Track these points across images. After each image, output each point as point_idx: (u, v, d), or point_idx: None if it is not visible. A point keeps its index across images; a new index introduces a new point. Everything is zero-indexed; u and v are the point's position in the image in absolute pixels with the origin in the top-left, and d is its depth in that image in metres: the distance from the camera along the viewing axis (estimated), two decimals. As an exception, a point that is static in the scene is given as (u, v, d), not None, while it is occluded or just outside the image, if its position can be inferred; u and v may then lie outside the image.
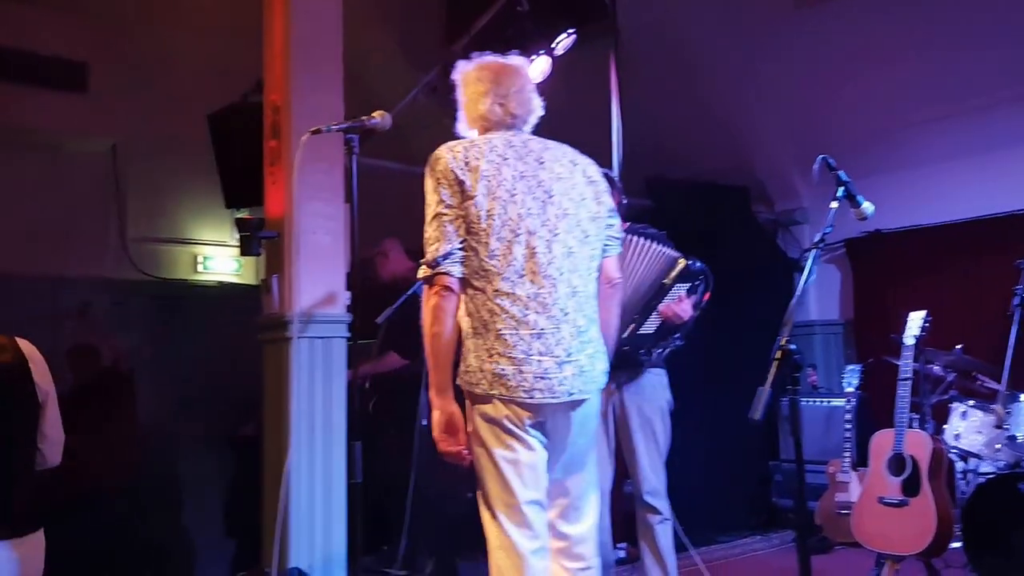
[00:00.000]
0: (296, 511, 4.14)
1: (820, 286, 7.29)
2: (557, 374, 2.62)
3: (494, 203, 2.65)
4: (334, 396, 4.33)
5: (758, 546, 5.92)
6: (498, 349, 2.62)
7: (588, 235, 2.77)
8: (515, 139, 2.78)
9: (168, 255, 6.39)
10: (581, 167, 2.84)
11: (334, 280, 4.39)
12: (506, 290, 2.63)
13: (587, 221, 2.77)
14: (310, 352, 4.28)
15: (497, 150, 2.72)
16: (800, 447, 2.85)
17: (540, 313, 2.63)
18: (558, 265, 2.68)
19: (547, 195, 2.71)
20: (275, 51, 4.44)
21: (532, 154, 2.76)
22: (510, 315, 2.62)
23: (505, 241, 2.65)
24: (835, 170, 3.16)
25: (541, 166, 2.74)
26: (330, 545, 4.25)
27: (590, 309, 2.75)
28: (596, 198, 2.82)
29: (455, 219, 2.66)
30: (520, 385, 2.60)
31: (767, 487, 6.47)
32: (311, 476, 4.23)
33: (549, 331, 2.63)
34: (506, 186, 2.67)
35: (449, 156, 2.70)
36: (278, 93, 4.40)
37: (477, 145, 2.73)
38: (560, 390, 2.63)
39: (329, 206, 4.38)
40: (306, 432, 4.21)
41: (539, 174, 2.72)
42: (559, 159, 2.80)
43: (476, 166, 2.67)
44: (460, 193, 2.66)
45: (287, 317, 4.22)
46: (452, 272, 2.65)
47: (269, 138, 4.44)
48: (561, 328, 2.65)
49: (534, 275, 2.65)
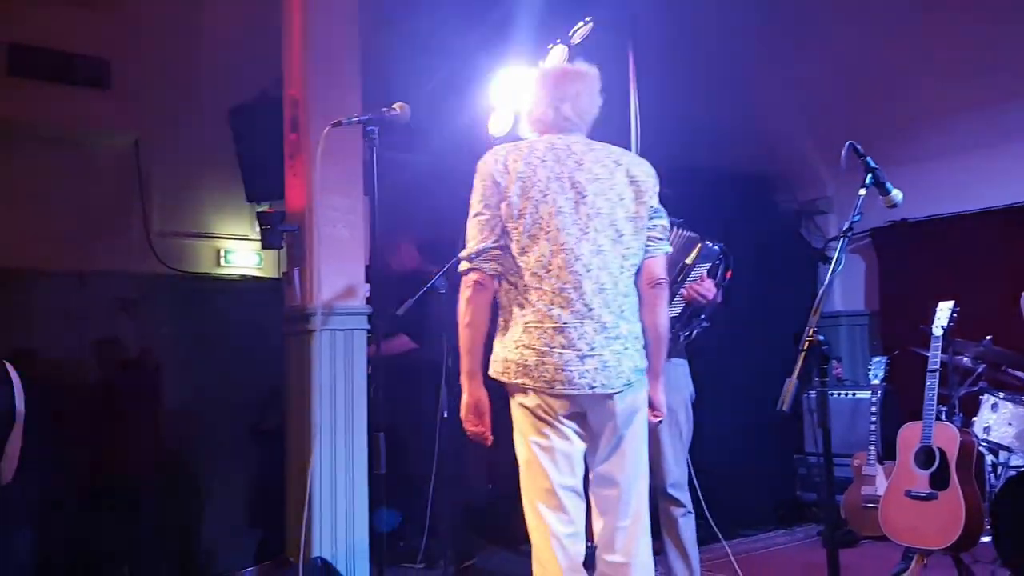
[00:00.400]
0: (319, 501, 4.18)
1: (845, 276, 7.21)
2: (578, 367, 2.73)
3: (527, 203, 2.81)
4: (356, 387, 4.36)
5: (781, 540, 5.88)
6: (523, 341, 2.78)
7: (622, 234, 2.84)
8: (559, 141, 2.90)
9: (191, 249, 6.41)
10: (625, 167, 2.89)
11: (354, 273, 4.41)
12: (533, 285, 2.79)
13: (623, 220, 2.84)
14: (332, 344, 4.30)
15: (537, 153, 2.86)
16: (829, 440, 2.83)
17: (564, 308, 2.75)
18: (585, 262, 2.78)
19: (580, 195, 2.82)
20: (293, 45, 4.44)
21: (573, 156, 2.87)
22: (536, 309, 2.77)
23: (535, 238, 2.80)
24: (863, 156, 3.11)
25: (579, 167, 2.85)
26: (353, 535, 4.29)
27: (619, 306, 2.81)
28: (637, 198, 2.87)
29: (491, 219, 2.85)
30: (542, 376, 2.75)
31: (791, 481, 6.41)
32: (334, 467, 4.26)
33: (572, 325, 2.75)
34: (540, 187, 2.81)
35: (491, 159, 2.89)
36: (297, 87, 4.40)
37: (519, 148, 2.89)
38: (580, 383, 2.74)
39: (348, 199, 4.38)
40: (329, 423, 4.25)
41: (575, 175, 2.83)
42: (601, 160, 2.88)
43: (514, 168, 2.83)
44: (497, 194, 2.84)
45: (309, 310, 4.25)
46: (484, 268, 2.85)
47: (289, 132, 4.45)
48: (584, 323, 2.75)
49: (560, 271, 2.77)
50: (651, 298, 2.92)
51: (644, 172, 2.93)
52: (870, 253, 7.12)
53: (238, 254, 6.51)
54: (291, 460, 4.38)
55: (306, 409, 4.21)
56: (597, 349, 2.75)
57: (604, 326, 2.77)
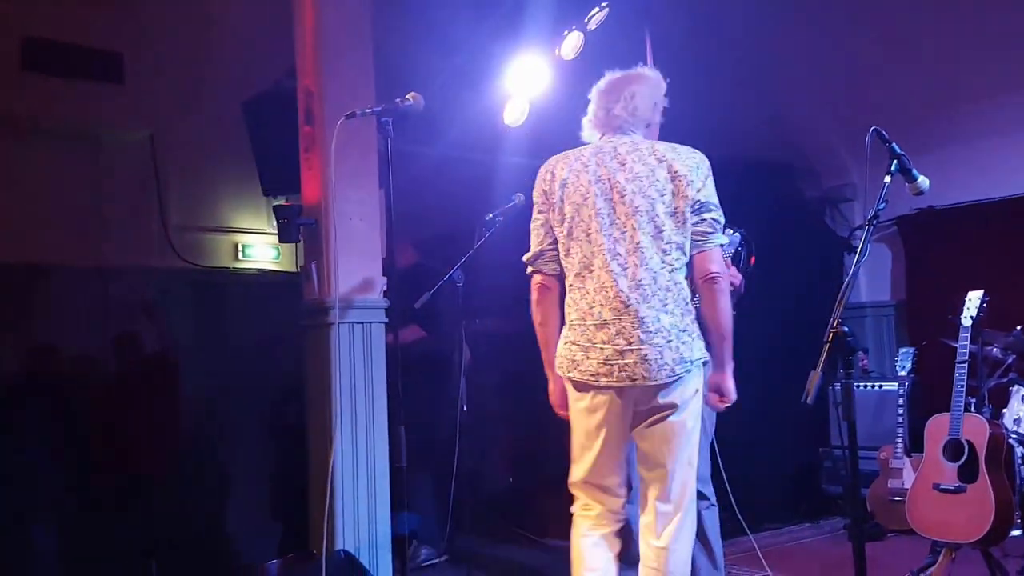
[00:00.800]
0: (341, 494, 4.19)
1: (871, 266, 7.12)
2: (618, 361, 2.89)
3: (570, 207, 3.00)
4: (375, 380, 4.35)
5: (807, 533, 5.81)
6: (570, 337, 3.01)
7: (662, 230, 2.92)
8: (608, 145, 3.04)
9: (209, 243, 6.45)
10: (668, 163, 2.96)
11: (371, 265, 4.40)
12: (577, 284, 3.00)
13: (663, 216, 2.92)
14: (350, 337, 4.30)
15: (582, 159, 3.04)
16: (854, 433, 2.81)
17: (604, 305, 2.92)
18: (622, 261, 2.92)
19: (620, 195, 2.95)
20: (306, 35, 4.41)
21: (617, 157, 2.99)
22: (579, 307, 2.98)
23: (577, 240, 2.99)
24: (888, 143, 3.06)
25: (621, 168, 2.97)
26: (376, 528, 4.30)
27: (660, 301, 2.91)
28: (676, 193, 2.94)
29: (544, 223, 3.10)
30: (588, 369, 2.94)
31: (816, 474, 6.34)
32: (355, 459, 4.27)
33: (611, 322, 2.90)
34: (581, 191, 2.99)
35: (543, 168, 3.13)
36: (311, 78, 4.37)
37: (567, 156, 3.09)
38: (621, 375, 2.89)
39: (364, 191, 4.36)
40: (349, 416, 4.25)
41: (616, 175, 2.96)
42: (643, 158, 2.97)
43: (559, 175, 3.04)
44: (546, 200, 3.09)
45: (327, 303, 4.24)
46: (544, 270, 3.12)
47: (303, 124, 4.42)
48: (623, 319, 2.89)
49: (599, 270, 2.94)
50: (705, 292, 3.00)
51: (688, 166, 2.97)
52: (896, 242, 7.02)
53: (256, 248, 6.54)
54: (312, 453, 4.39)
55: (326, 402, 4.21)
56: (635, 344, 2.87)
57: (643, 321, 2.88)
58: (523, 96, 5.39)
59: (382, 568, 4.29)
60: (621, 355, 2.88)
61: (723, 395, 3.09)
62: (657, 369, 2.88)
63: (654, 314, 2.89)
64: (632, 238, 2.92)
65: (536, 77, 5.32)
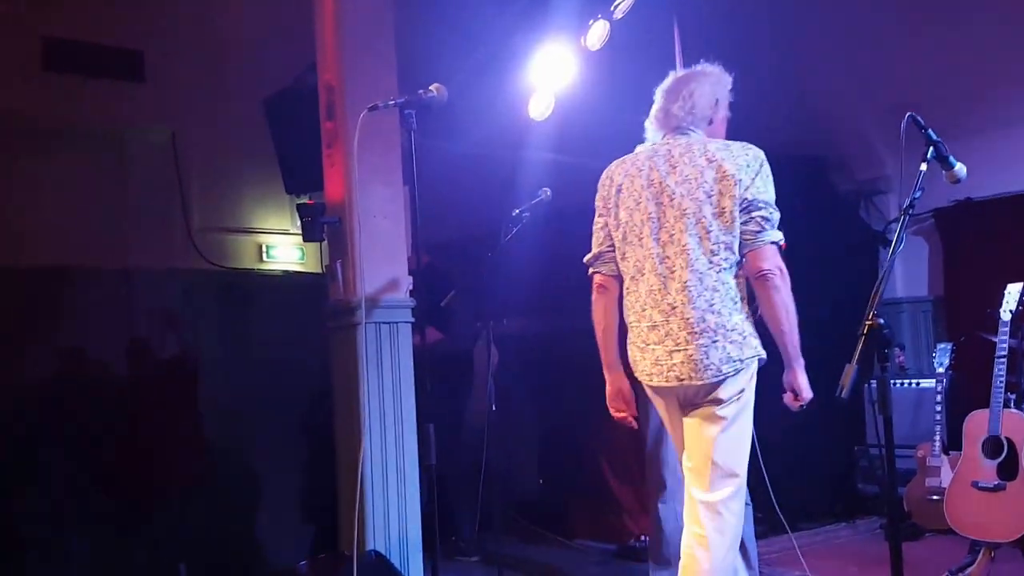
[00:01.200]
0: (371, 494, 4.17)
1: (907, 260, 6.99)
2: (667, 361, 3.02)
3: (625, 212, 3.12)
4: (403, 380, 4.33)
5: (843, 533, 5.72)
6: (630, 338, 3.17)
7: (710, 231, 2.98)
8: (662, 147, 3.12)
9: (233, 244, 6.48)
10: (717, 163, 3.00)
11: (397, 264, 4.37)
12: (632, 288, 3.13)
13: (710, 217, 2.98)
14: (377, 337, 4.27)
15: (637, 163, 3.15)
16: (890, 428, 2.77)
17: (654, 308, 3.04)
18: (670, 264, 3.02)
19: (669, 199, 3.03)
20: (326, 29, 4.37)
21: (670, 160, 3.07)
22: (634, 309, 3.12)
23: (631, 244, 3.11)
24: (924, 129, 2.98)
25: (672, 171, 3.05)
26: (406, 528, 4.29)
27: (707, 301, 2.98)
28: (724, 193, 2.98)
29: (603, 227, 3.23)
30: (643, 370, 3.11)
31: (852, 473, 6.24)
32: (384, 459, 4.25)
33: (660, 323, 3.03)
34: (635, 196, 3.10)
35: (604, 173, 3.25)
36: (332, 72, 4.34)
37: (625, 161, 3.20)
38: (671, 375, 3.02)
39: (389, 188, 4.33)
40: (377, 416, 4.23)
41: (666, 179, 3.05)
42: (694, 160, 3.03)
43: (616, 180, 3.17)
44: (603, 205, 3.22)
45: (353, 303, 4.21)
46: (602, 270, 3.25)
47: (325, 119, 4.39)
48: (671, 321, 3.01)
49: (649, 274, 3.06)
50: (759, 290, 3.03)
51: (737, 165, 2.99)
52: (933, 235, 6.88)
53: (280, 249, 6.55)
54: (341, 454, 4.37)
55: (354, 402, 4.19)
56: (683, 344, 2.98)
57: (688, 322, 2.98)
58: (548, 89, 5.32)
59: (413, 568, 4.27)
60: (670, 355, 3.01)
61: (797, 393, 3.10)
62: (703, 368, 2.97)
63: (700, 315, 2.97)
64: (679, 241, 3.00)
65: (562, 69, 5.25)
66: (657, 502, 4.03)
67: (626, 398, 3.31)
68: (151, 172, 6.06)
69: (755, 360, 3.04)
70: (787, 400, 3.12)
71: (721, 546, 3.04)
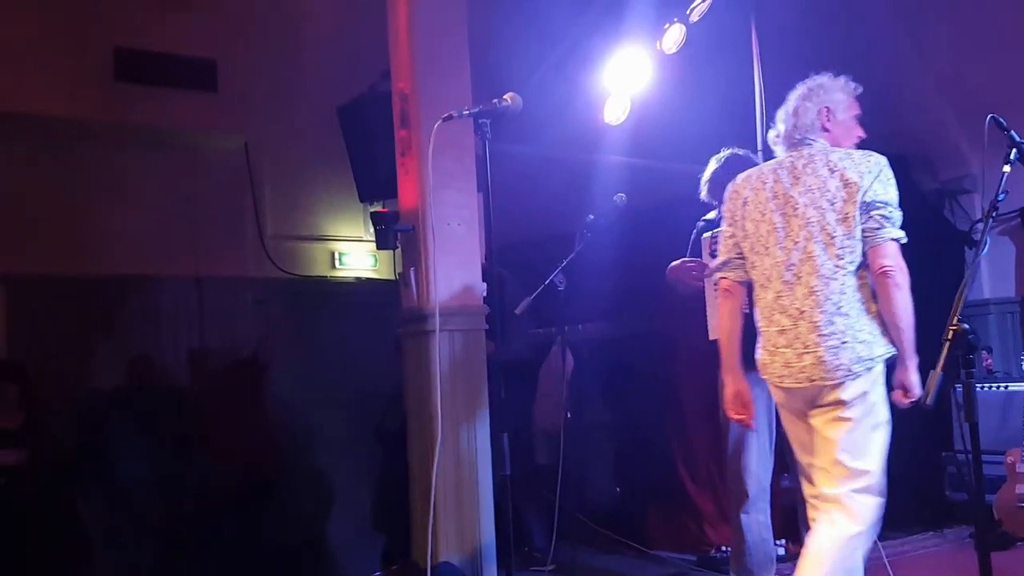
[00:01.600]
0: (444, 505, 4.16)
1: (993, 261, 6.79)
2: (797, 363, 3.11)
3: (751, 224, 3.25)
4: (476, 388, 4.33)
5: (931, 543, 5.55)
6: (760, 343, 3.28)
7: (834, 236, 3.08)
8: (786, 160, 3.25)
9: (305, 252, 6.55)
10: (840, 171, 3.11)
11: (471, 271, 4.37)
12: (761, 295, 3.25)
13: (834, 224, 3.08)
14: (451, 344, 4.27)
15: (763, 177, 3.27)
16: (976, 436, 2.76)
17: (782, 313, 3.16)
18: (796, 271, 3.13)
19: (793, 210, 3.15)
20: (400, 37, 4.41)
21: (793, 172, 3.20)
22: (764, 315, 3.24)
23: (759, 255, 3.24)
24: (1006, 130, 2.97)
25: (795, 182, 3.17)
26: (480, 539, 4.27)
27: (834, 304, 3.07)
28: (848, 199, 3.07)
29: (731, 236, 3.34)
30: (774, 372, 3.20)
31: (939, 480, 6.06)
32: (458, 468, 4.24)
33: (789, 328, 3.14)
34: (760, 208, 3.23)
35: (731, 186, 3.38)
36: (405, 80, 4.37)
37: (750, 175, 3.33)
38: (801, 376, 3.11)
39: (462, 195, 4.35)
40: (451, 424, 4.21)
41: (790, 191, 3.17)
42: (816, 170, 3.15)
43: (743, 194, 3.30)
44: (731, 217, 3.34)
45: (426, 310, 4.22)
46: (728, 276, 3.36)
47: (399, 127, 4.42)
48: (799, 325, 3.11)
49: (776, 281, 3.18)
50: (878, 287, 3.08)
51: (859, 172, 3.09)
52: (1019, 235, 6.68)
53: (353, 256, 6.59)
54: (414, 462, 4.37)
55: (426, 411, 4.18)
56: (811, 347, 3.07)
57: (816, 325, 3.07)
58: (624, 92, 5.28)
59: (487, 579, 4.24)
60: (800, 358, 3.10)
61: (907, 391, 3.10)
62: (833, 369, 3.05)
63: (827, 318, 3.07)
64: (805, 249, 3.11)
65: (638, 72, 5.20)
66: (739, 512, 3.95)
67: (744, 400, 3.38)
68: (224, 180, 6.14)
69: (883, 359, 3.09)
70: (896, 398, 3.13)
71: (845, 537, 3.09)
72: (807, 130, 3.24)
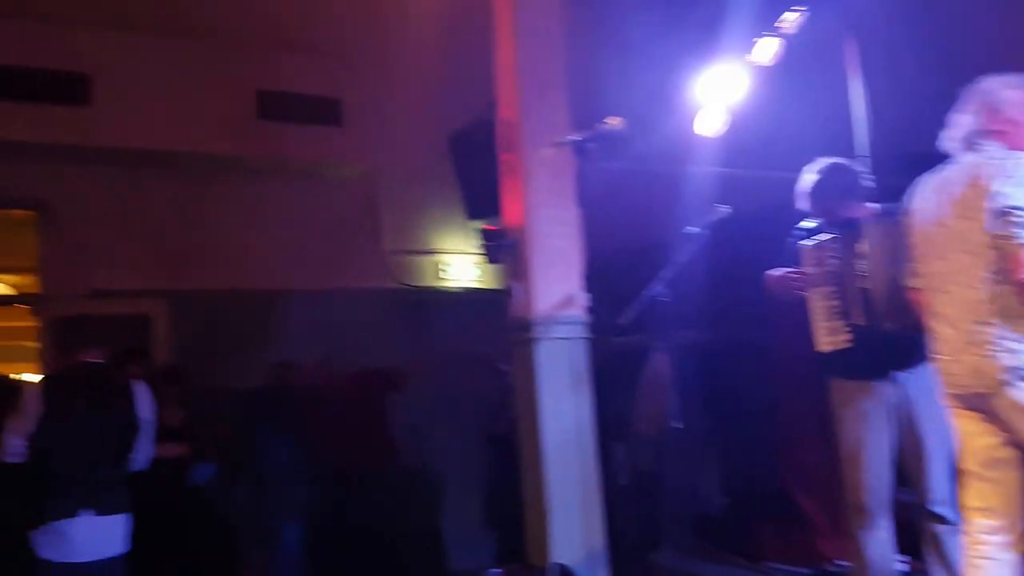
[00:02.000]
0: (555, 507, 4.27)
1: None
2: (955, 371, 3.14)
3: (919, 234, 3.30)
4: (581, 395, 4.42)
5: None
6: (934, 348, 3.26)
7: (977, 245, 3.05)
8: (947, 171, 3.23)
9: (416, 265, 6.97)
10: (986, 178, 3.04)
11: (571, 282, 4.48)
12: (932, 301, 3.26)
13: (975, 232, 3.05)
14: (555, 352, 4.40)
15: (929, 187, 3.28)
16: None
17: (939, 322, 3.20)
18: (952, 280, 3.14)
19: (944, 219, 3.16)
20: (505, 71, 4.63)
21: (948, 185, 3.19)
22: (930, 325, 3.26)
23: (927, 263, 3.27)
24: None
25: (949, 196, 3.17)
26: (591, 541, 4.34)
27: (978, 314, 3.05)
28: (987, 207, 3.02)
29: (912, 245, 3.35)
30: (952, 373, 3.17)
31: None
32: (566, 473, 4.33)
33: (944, 336, 3.18)
34: (923, 219, 3.27)
35: (906, 196, 3.37)
36: (510, 110, 4.58)
37: (922, 185, 3.32)
38: (957, 383, 3.13)
39: (563, 211, 4.48)
40: (557, 429, 4.32)
41: (943, 203, 3.18)
42: (964, 180, 3.12)
43: (916, 203, 3.32)
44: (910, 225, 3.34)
45: (530, 320, 4.37)
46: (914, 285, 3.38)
47: (503, 151, 4.63)
48: (955, 336, 3.13)
49: (934, 292, 3.23)
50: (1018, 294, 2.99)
51: (1001, 180, 3.01)
52: None
53: (456, 267, 6.94)
54: (526, 466, 4.48)
55: (535, 415, 4.32)
56: (961, 354, 3.09)
57: (966, 334, 3.08)
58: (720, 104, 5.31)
59: (599, 581, 4.32)
60: (954, 366, 3.13)
61: None
62: (984, 376, 3.03)
63: (978, 327, 3.05)
64: (952, 260, 3.13)
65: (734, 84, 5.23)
66: (857, 528, 3.80)
67: None
68: (348, 203, 6.66)
69: None
70: None
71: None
72: (981, 132, 3.17)
